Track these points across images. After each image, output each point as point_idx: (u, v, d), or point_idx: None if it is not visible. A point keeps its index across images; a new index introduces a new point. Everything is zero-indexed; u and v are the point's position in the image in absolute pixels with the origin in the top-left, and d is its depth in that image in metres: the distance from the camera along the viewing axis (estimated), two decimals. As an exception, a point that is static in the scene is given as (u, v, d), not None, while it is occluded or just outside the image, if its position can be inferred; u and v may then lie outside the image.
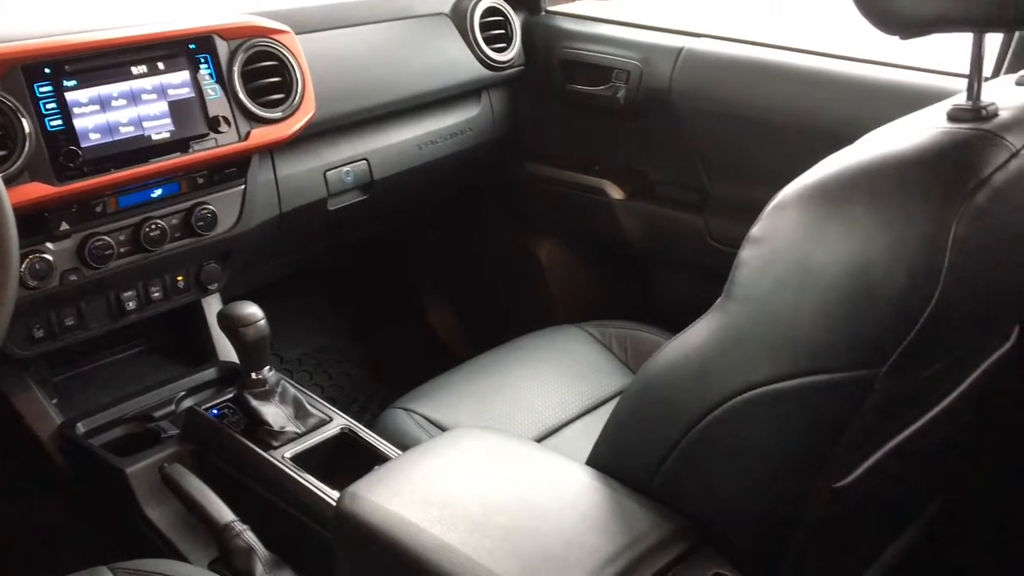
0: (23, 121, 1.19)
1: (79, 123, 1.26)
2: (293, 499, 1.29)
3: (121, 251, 1.37)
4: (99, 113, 1.28)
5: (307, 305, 2.30)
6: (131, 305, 1.46)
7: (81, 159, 1.25)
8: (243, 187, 1.51)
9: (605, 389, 1.51)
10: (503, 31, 1.93)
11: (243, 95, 1.42)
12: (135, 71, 1.31)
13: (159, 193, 1.39)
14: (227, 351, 1.61)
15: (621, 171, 1.92)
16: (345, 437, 1.40)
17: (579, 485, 1.03)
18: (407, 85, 1.77)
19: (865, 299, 0.80)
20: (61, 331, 1.41)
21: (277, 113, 1.46)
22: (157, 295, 1.49)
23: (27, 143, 1.19)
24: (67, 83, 1.25)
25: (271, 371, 1.43)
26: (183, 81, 1.36)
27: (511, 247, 2.17)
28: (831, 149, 0.89)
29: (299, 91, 1.48)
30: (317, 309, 2.33)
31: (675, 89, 1.75)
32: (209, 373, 1.59)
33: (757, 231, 0.89)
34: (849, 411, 0.85)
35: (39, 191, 1.22)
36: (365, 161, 1.75)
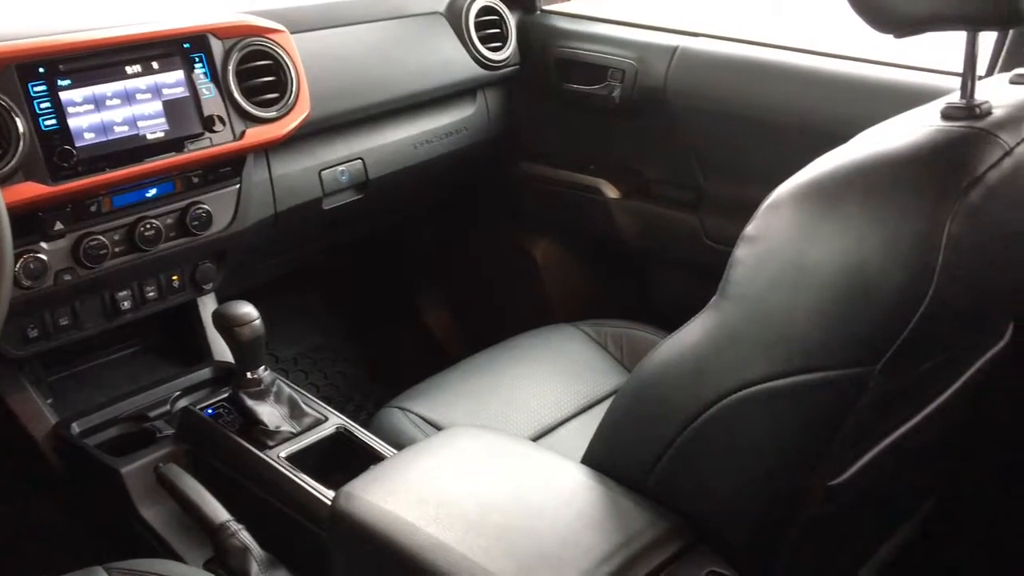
0: (17, 120, 1.19)
1: (73, 122, 1.26)
2: (288, 499, 1.29)
3: (116, 251, 1.37)
4: (93, 112, 1.28)
5: (302, 304, 2.30)
6: (126, 305, 1.46)
7: (75, 159, 1.25)
8: (238, 186, 1.51)
9: (600, 388, 1.51)
10: (498, 30, 1.93)
11: (238, 94, 1.42)
12: (129, 70, 1.31)
13: (154, 193, 1.39)
14: (222, 351, 1.60)
15: (617, 170, 1.92)
16: (340, 436, 1.40)
17: (574, 484, 1.03)
18: (402, 84, 1.77)
19: (859, 297, 0.80)
20: (56, 331, 1.40)
21: (272, 112, 1.46)
22: (152, 295, 1.49)
23: (21, 143, 1.19)
24: (61, 82, 1.24)
25: (266, 371, 1.43)
26: (177, 80, 1.36)
27: (507, 246, 2.17)
28: (826, 148, 0.89)
29: (294, 90, 1.48)
30: (312, 308, 2.33)
31: (670, 88, 1.75)
32: (204, 373, 1.59)
33: (751, 230, 0.89)
34: (844, 409, 0.86)
35: (33, 191, 1.22)
36: (360, 160, 1.75)
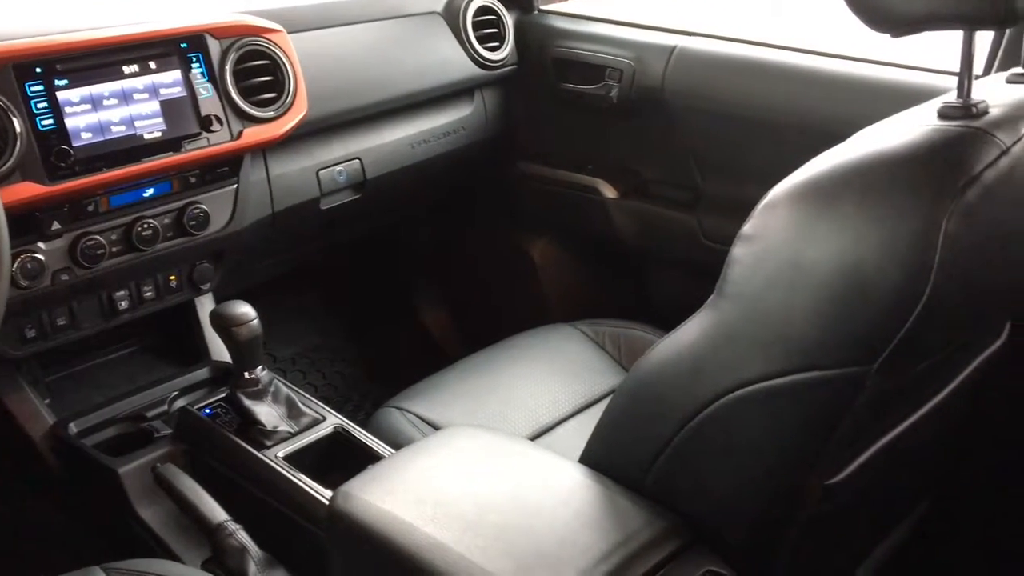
0: (14, 120, 1.19)
1: (70, 122, 1.25)
2: (286, 498, 1.29)
3: (113, 251, 1.37)
4: (91, 112, 1.27)
5: (300, 304, 2.30)
6: (123, 305, 1.46)
7: (73, 158, 1.25)
8: (235, 186, 1.51)
9: (598, 387, 1.51)
10: (496, 30, 1.93)
11: (235, 94, 1.42)
12: (127, 70, 1.31)
13: (151, 192, 1.39)
14: (220, 351, 1.60)
15: (614, 170, 1.92)
16: (338, 436, 1.40)
17: (572, 483, 1.04)
18: (400, 84, 1.77)
19: (856, 296, 0.81)
20: (53, 331, 1.40)
21: (269, 112, 1.46)
22: (149, 295, 1.49)
23: (18, 142, 1.19)
24: (58, 82, 1.24)
25: (264, 371, 1.43)
26: (175, 80, 1.36)
27: (505, 246, 2.17)
28: (823, 147, 0.89)
29: (291, 90, 1.48)
30: (310, 308, 2.33)
31: (668, 88, 1.76)
32: (202, 373, 1.59)
33: (748, 229, 0.89)
34: (841, 408, 0.86)
35: (30, 191, 1.22)
36: (358, 160, 1.74)
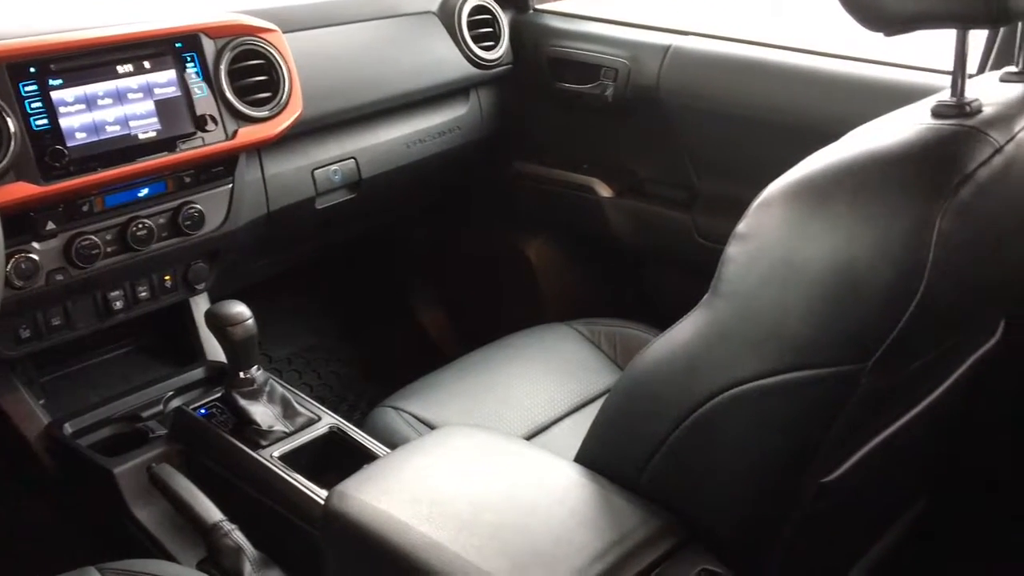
0: (8, 120, 1.19)
1: (65, 122, 1.25)
2: (281, 498, 1.29)
3: (108, 251, 1.37)
4: (85, 112, 1.27)
5: (295, 304, 2.29)
6: (118, 305, 1.46)
7: (67, 158, 1.25)
8: (230, 186, 1.51)
9: (594, 386, 1.51)
10: (491, 29, 1.93)
11: (230, 94, 1.41)
12: (121, 70, 1.31)
13: (146, 192, 1.39)
14: (215, 351, 1.60)
15: (610, 169, 1.92)
16: (334, 436, 1.40)
17: (567, 482, 1.04)
18: (395, 84, 1.77)
19: (850, 295, 0.81)
20: (48, 331, 1.40)
21: (264, 112, 1.46)
22: (144, 295, 1.49)
23: (12, 142, 1.19)
24: (52, 82, 1.24)
25: (259, 370, 1.43)
26: (169, 80, 1.36)
27: (500, 245, 2.17)
28: (818, 146, 0.89)
29: (286, 89, 1.48)
30: (305, 308, 2.33)
31: (663, 87, 1.76)
32: (197, 373, 1.59)
33: (743, 228, 0.89)
34: (835, 407, 0.86)
35: (24, 191, 1.21)
36: (353, 160, 1.74)
